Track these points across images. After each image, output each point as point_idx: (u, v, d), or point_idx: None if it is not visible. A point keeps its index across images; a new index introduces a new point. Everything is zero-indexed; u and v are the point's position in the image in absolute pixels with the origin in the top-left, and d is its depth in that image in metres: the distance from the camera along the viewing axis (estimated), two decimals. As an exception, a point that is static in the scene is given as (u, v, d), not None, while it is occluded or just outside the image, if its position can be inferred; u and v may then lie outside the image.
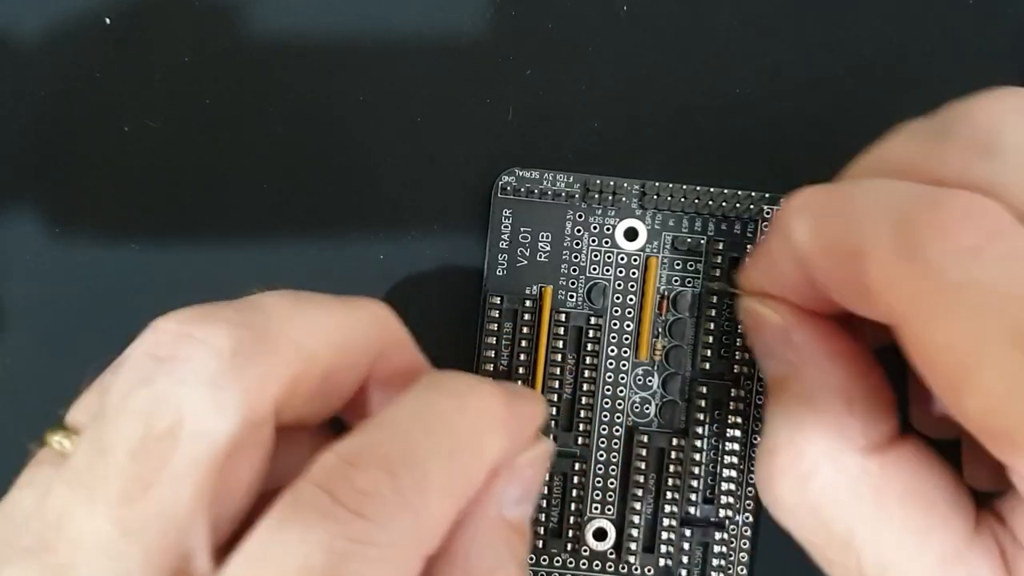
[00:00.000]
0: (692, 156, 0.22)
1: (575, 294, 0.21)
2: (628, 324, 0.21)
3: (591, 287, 0.21)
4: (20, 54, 0.21)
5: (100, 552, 0.13)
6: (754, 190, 0.21)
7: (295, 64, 0.21)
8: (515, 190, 0.21)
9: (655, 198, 0.21)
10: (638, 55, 0.22)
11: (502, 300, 0.21)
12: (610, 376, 0.21)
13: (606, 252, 0.21)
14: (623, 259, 0.21)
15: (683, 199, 0.21)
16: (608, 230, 0.21)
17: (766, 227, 0.21)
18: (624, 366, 0.21)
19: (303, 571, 0.13)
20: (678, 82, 0.22)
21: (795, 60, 0.22)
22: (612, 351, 0.21)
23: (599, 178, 0.21)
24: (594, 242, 0.21)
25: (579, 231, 0.21)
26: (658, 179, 0.21)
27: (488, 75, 0.22)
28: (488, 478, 0.16)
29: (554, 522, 0.21)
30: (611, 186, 0.21)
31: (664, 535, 0.21)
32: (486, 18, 0.22)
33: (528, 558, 0.21)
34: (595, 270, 0.21)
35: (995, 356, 0.13)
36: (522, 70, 0.22)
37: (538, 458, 0.17)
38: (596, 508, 0.21)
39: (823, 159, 0.18)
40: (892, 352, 0.16)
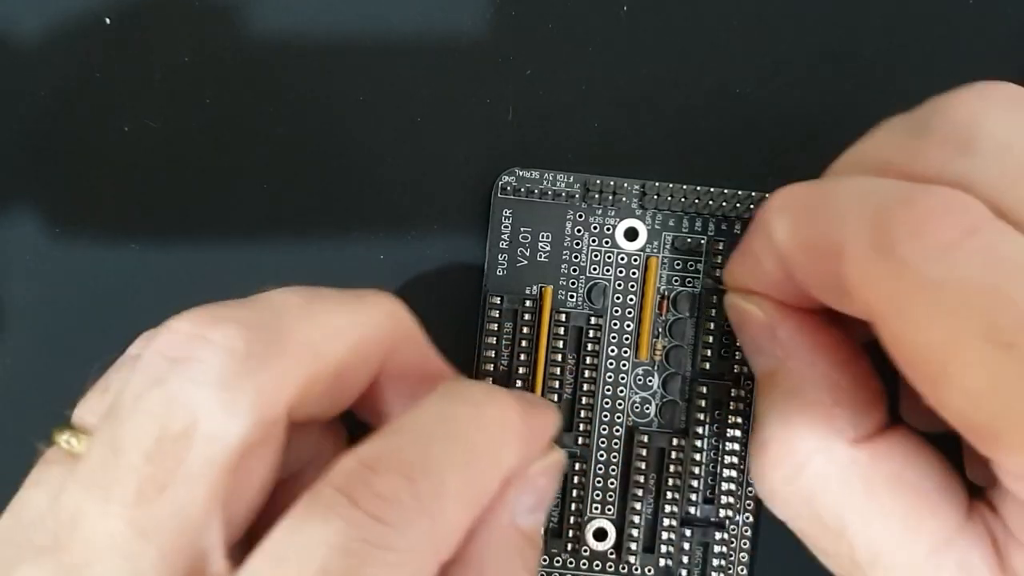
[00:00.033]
0: (692, 156, 0.22)
1: (575, 294, 0.21)
2: (628, 324, 0.21)
3: (591, 287, 0.21)
4: (20, 54, 0.21)
5: (115, 552, 0.13)
6: (754, 190, 0.21)
7: (295, 64, 0.21)
8: (515, 190, 0.21)
9: (655, 198, 0.21)
10: (638, 55, 0.22)
11: (502, 300, 0.21)
12: (610, 376, 0.21)
13: (606, 252, 0.21)
14: (623, 259, 0.21)
15: (683, 199, 0.21)
16: (608, 230, 0.21)
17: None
18: (624, 366, 0.21)
19: (323, 572, 0.13)
20: (678, 82, 0.22)
21: (795, 60, 0.22)
22: (612, 351, 0.21)
23: (599, 178, 0.21)
24: (594, 242, 0.21)
25: (579, 231, 0.21)
26: (658, 179, 0.21)
27: (488, 75, 0.22)
28: (502, 486, 0.16)
29: (554, 522, 0.21)
30: (611, 186, 0.21)
31: (664, 535, 0.21)
32: (486, 18, 0.22)
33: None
34: (595, 270, 0.21)
35: (971, 352, 0.13)
36: (522, 70, 0.22)
37: (551, 467, 0.17)
38: (596, 508, 0.21)
39: (823, 159, 0.18)
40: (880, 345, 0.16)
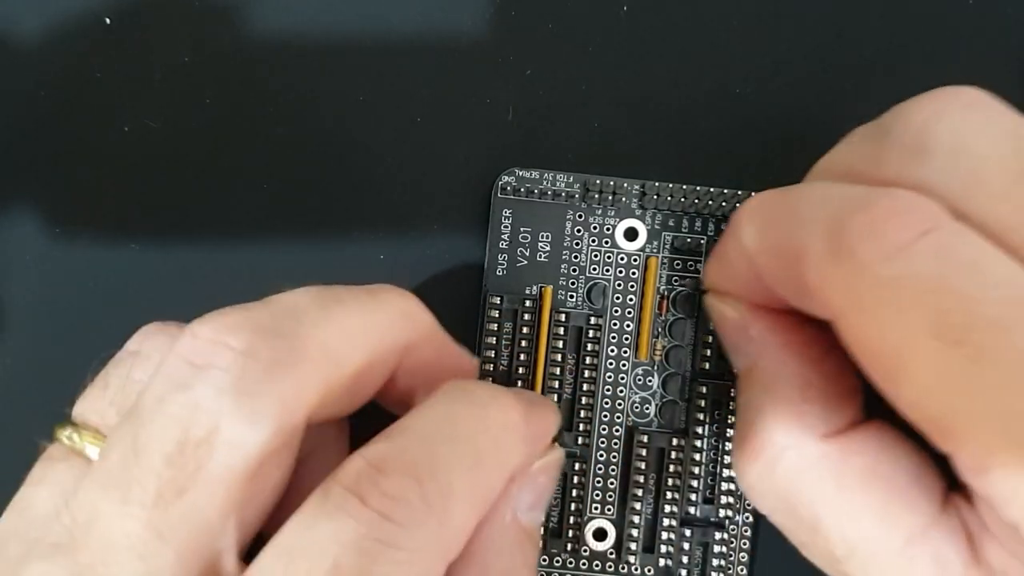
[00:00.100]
0: (692, 156, 0.22)
1: (575, 294, 0.21)
2: (628, 324, 0.21)
3: (591, 287, 0.21)
4: (20, 54, 0.21)
5: (131, 552, 0.14)
6: (754, 190, 0.21)
7: (295, 64, 0.21)
8: (515, 190, 0.21)
9: (655, 198, 0.21)
10: (638, 55, 0.22)
11: (502, 300, 0.21)
12: (610, 376, 0.21)
13: (606, 252, 0.21)
14: (623, 259, 0.21)
15: (683, 199, 0.21)
16: (608, 230, 0.21)
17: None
18: (624, 366, 0.21)
19: (333, 569, 0.13)
20: (678, 82, 0.22)
21: (795, 60, 0.22)
22: (612, 351, 0.21)
23: (599, 178, 0.21)
24: (594, 242, 0.21)
25: (579, 231, 0.21)
26: (658, 179, 0.21)
27: (488, 75, 0.22)
28: (505, 484, 0.16)
29: (554, 522, 0.21)
30: (611, 186, 0.21)
31: (664, 535, 0.21)
32: (486, 18, 0.22)
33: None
34: (595, 270, 0.21)
35: (922, 349, 0.14)
36: (522, 70, 0.22)
37: (551, 465, 0.18)
38: (596, 508, 0.21)
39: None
40: None
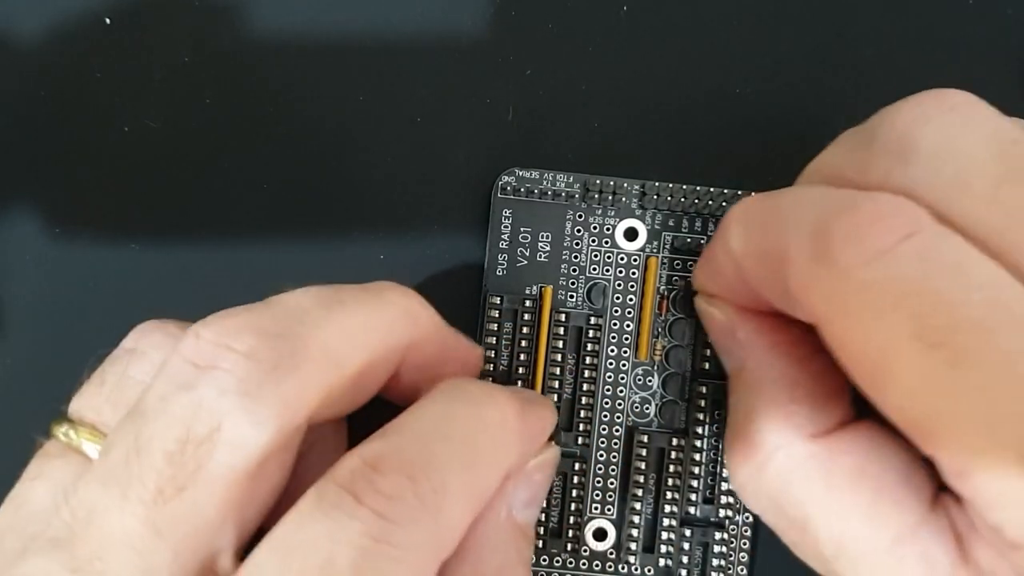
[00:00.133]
0: (692, 156, 0.22)
1: (575, 294, 0.21)
2: (628, 324, 0.21)
3: (591, 287, 0.21)
4: (20, 54, 0.21)
5: (129, 548, 0.14)
6: (754, 190, 0.21)
7: (295, 64, 0.21)
8: (515, 190, 0.21)
9: (655, 198, 0.21)
10: (638, 55, 0.22)
11: (502, 300, 0.21)
12: (610, 376, 0.21)
13: (606, 252, 0.21)
14: (623, 259, 0.21)
15: (683, 199, 0.21)
16: (608, 230, 0.21)
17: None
18: (624, 366, 0.21)
19: (327, 565, 0.13)
20: (678, 82, 0.22)
21: (795, 60, 0.22)
22: (612, 351, 0.21)
23: (599, 178, 0.21)
24: (594, 242, 0.21)
25: (579, 231, 0.21)
26: (658, 179, 0.21)
27: (488, 75, 0.22)
28: (501, 482, 0.16)
29: (554, 522, 0.21)
30: (611, 186, 0.21)
31: (664, 535, 0.21)
32: (486, 18, 0.22)
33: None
34: (595, 270, 0.21)
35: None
36: (522, 70, 0.22)
37: (547, 463, 0.18)
38: (596, 508, 0.21)
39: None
40: None
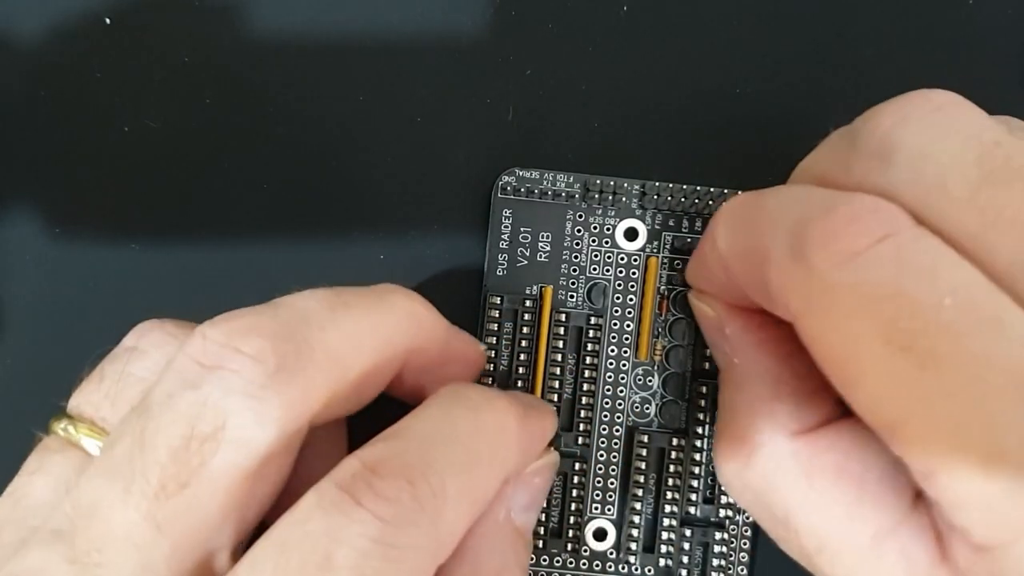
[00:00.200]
0: (692, 156, 0.22)
1: (575, 294, 0.21)
2: (628, 324, 0.21)
3: (591, 287, 0.21)
4: (20, 54, 0.21)
5: (128, 542, 0.14)
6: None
7: (295, 64, 0.21)
8: (515, 190, 0.21)
9: (655, 198, 0.21)
10: (638, 55, 0.22)
11: (502, 300, 0.21)
12: (610, 376, 0.21)
13: (606, 252, 0.21)
14: (623, 259, 0.21)
15: (683, 199, 0.21)
16: (608, 230, 0.21)
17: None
18: (624, 366, 0.21)
19: (325, 563, 0.13)
20: (678, 82, 0.22)
21: (795, 60, 0.22)
22: (612, 351, 0.21)
23: (599, 178, 0.21)
24: (594, 242, 0.21)
25: (579, 231, 0.21)
26: (658, 179, 0.21)
27: (488, 75, 0.22)
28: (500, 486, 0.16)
29: (554, 522, 0.21)
30: (611, 186, 0.21)
31: (664, 535, 0.21)
32: (486, 18, 0.22)
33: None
34: (595, 270, 0.21)
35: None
36: (522, 70, 0.22)
37: (546, 468, 0.18)
38: (596, 508, 0.21)
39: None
40: None
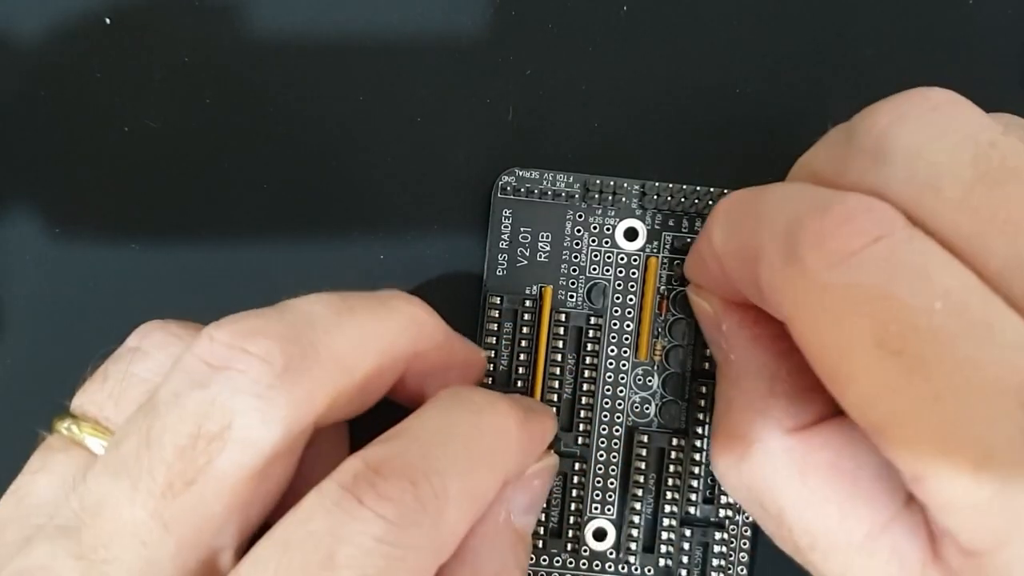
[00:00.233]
0: (692, 156, 0.22)
1: (575, 294, 0.21)
2: (628, 324, 0.21)
3: (591, 287, 0.21)
4: (20, 54, 0.21)
5: (135, 539, 0.14)
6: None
7: (295, 64, 0.21)
8: (515, 190, 0.21)
9: (655, 198, 0.21)
10: (638, 55, 0.22)
11: (502, 300, 0.21)
12: (610, 376, 0.21)
13: (606, 252, 0.21)
14: (623, 259, 0.21)
15: (683, 199, 0.21)
16: (608, 230, 0.21)
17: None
18: (624, 366, 0.21)
19: (327, 562, 0.13)
20: (678, 82, 0.22)
21: (795, 60, 0.22)
22: (612, 351, 0.21)
23: (599, 178, 0.21)
24: (594, 242, 0.21)
25: (579, 231, 0.21)
26: (658, 179, 0.21)
27: (488, 75, 0.22)
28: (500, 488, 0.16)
29: (554, 522, 0.21)
30: (611, 186, 0.21)
31: (664, 535, 0.21)
32: (486, 18, 0.22)
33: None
34: (595, 270, 0.21)
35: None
36: (522, 70, 0.22)
37: (546, 470, 0.18)
38: (596, 508, 0.21)
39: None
40: None
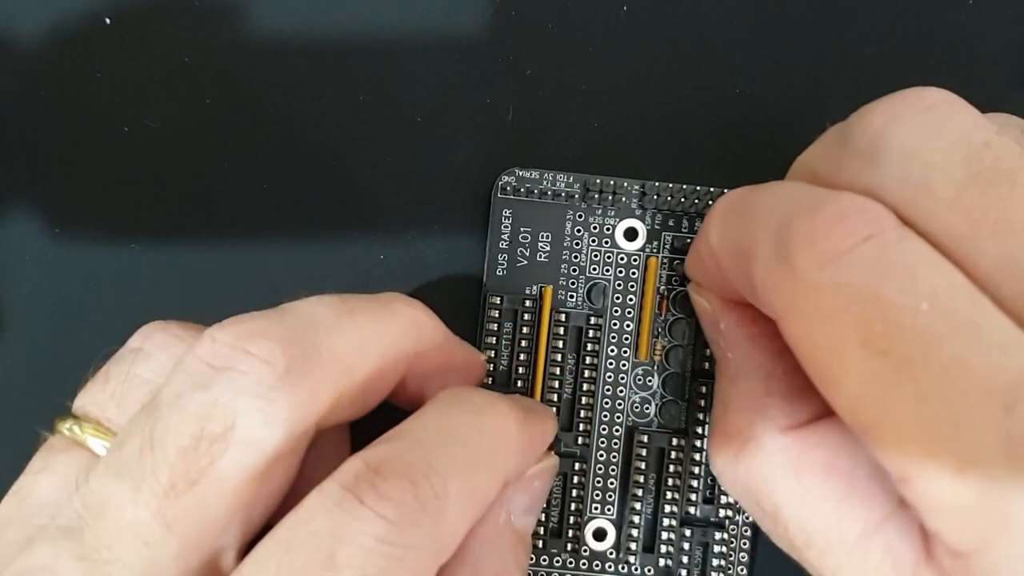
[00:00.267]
0: (692, 156, 0.22)
1: (575, 294, 0.21)
2: (628, 324, 0.21)
3: (591, 287, 0.21)
4: (20, 54, 0.21)
5: (137, 539, 0.14)
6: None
7: (295, 64, 0.21)
8: (515, 190, 0.21)
9: (655, 198, 0.21)
10: (638, 55, 0.22)
11: (502, 300, 0.21)
12: (610, 376, 0.21)
13: (606, 252, 0.21)
14: (623, 259, 0.21)
15: (683, 199, 0.21)
16: (608, 230, 0.21)
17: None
18: (624, 366, 0.21)
19: (328, 562, 0.13)
20: (678, 82, 0.22)
21: (795, 60, 0.22)
22: (612, 351, 0.21)
23: (599, 178, 0.21)
24: (594, 242, 0.21)
25: (579, 231, 0.21)
26: (658, 179, 0.21)
27: (488, 75, 0.22)
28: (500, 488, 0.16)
29: (554, 522, 0.21)
30: (611, 186, 0.21)
31: (664, 535, 0.21)
32: (486, 18, 0.22)
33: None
34: (595, 270, 0.21)
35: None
36: (522, 70, 0.22)
37: (546, 472, 0.18)
38: (596, 508, 0.21)
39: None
40: None
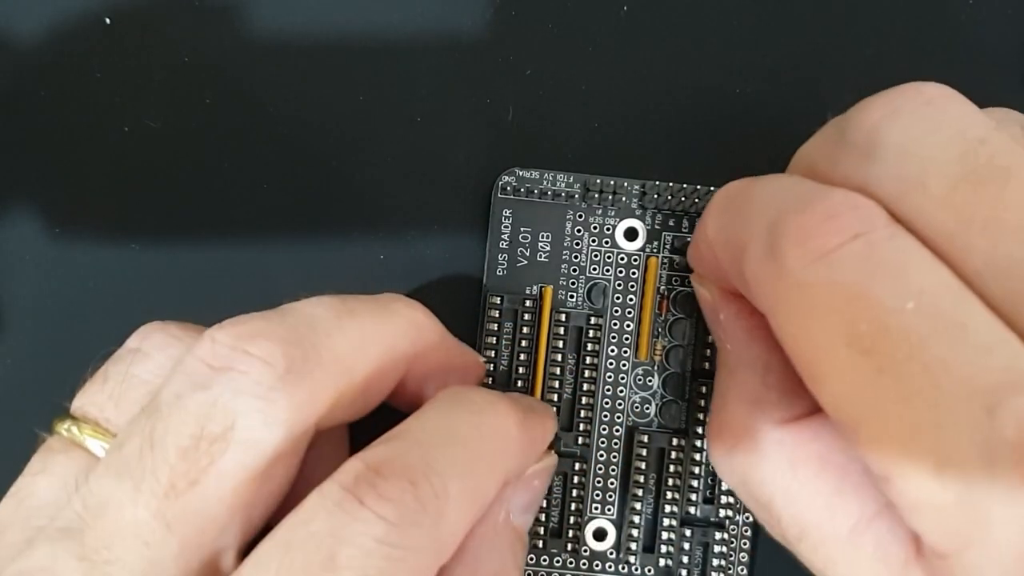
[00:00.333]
0: (692, 156, 0.22)
1: (575, 294, 0.21)
2: (628, 324, 0.21)
3: (591, 287, 0.21)
4: (20, 54, 0.21)
5: (137, 539, 0.14)
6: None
7: (295, 64, 0.21)
8: (515, 190, 0.21)
9: (655, 198, 0.21)
10: (638, 55, 0.22)
11: (502, 300, 0.21)
12: (610, 376, 0.21)
13: (606, 252, 0.21)
14: (623, 259, 0.21)
15: (683, 199, 0.21)
16: (608, 230, 0.21)
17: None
18: (624, 366, 0.21)
19: (329, 563, 0.13)
20: (678, 82, 0.22)
21: (795, 60, 0.22)
22: (612, 351, 0.21)
23: (599, 178, 0.21)
24: (594, 242, 0.21)
25: (579, 231, 0.21)
26: (658, 179, 0.21)
27: (488, 75, 0.22)
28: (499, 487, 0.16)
29: (554, 522, 0.21)
30: (611, 186, 0.21)
31: (664, 535, 0.21)
32: (486, 18, 0.22)
33: (526, 562, 0.21)
34: (595, 270, 0.21)
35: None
36: (522, 70, 0.22)
37: (545, 471, 0.18)
38: (596, 508, 0.21)
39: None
40: None
